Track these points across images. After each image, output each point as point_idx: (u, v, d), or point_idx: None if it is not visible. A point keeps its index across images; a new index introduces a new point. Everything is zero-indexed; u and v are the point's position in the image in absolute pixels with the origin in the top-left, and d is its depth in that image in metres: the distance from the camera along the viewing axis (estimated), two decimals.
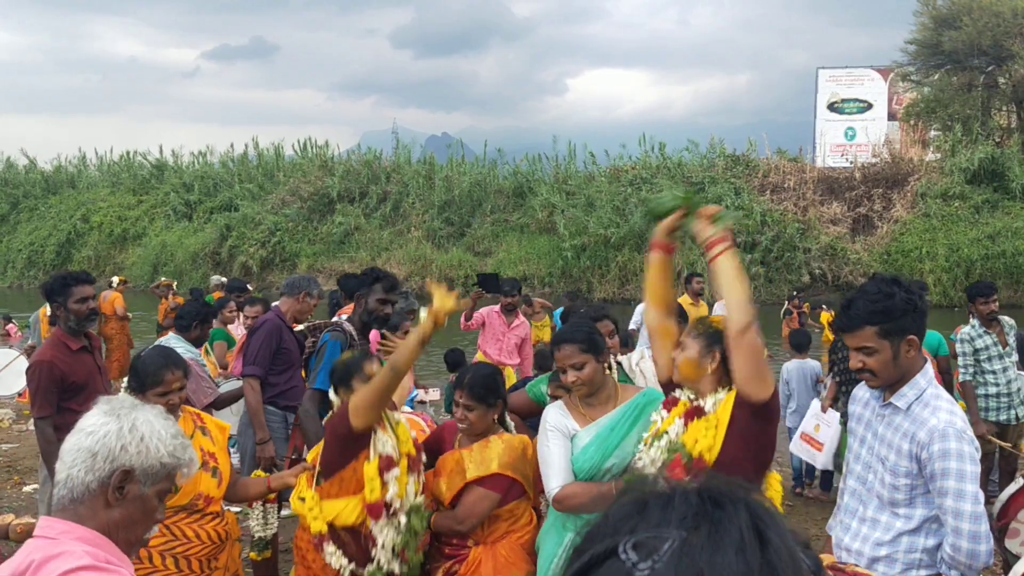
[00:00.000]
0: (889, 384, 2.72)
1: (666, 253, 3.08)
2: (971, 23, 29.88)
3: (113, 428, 1.84)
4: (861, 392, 2.96)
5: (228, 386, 6.61)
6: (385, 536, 3.29)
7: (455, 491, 3.42)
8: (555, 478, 3.21)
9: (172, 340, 5.76)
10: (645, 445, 2.98)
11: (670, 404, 3.01)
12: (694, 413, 2.88)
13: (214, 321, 8.84)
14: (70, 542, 1.75)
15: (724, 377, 2.89)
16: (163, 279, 14.48)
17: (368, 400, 3.31)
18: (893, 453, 2.67)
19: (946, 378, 6.71)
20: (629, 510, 0.77)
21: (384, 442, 3.37)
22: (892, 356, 2.65)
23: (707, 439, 2.77)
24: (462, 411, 3.46)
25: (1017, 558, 2.83)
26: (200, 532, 3.40)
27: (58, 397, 4.61)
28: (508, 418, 3.64)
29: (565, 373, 3.28)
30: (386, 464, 3.32)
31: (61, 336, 4.78)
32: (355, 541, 3.35)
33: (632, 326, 8.98)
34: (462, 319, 8.54)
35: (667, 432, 2.90)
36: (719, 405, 2.83)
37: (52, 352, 4.70)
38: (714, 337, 2.92)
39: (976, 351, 6.56)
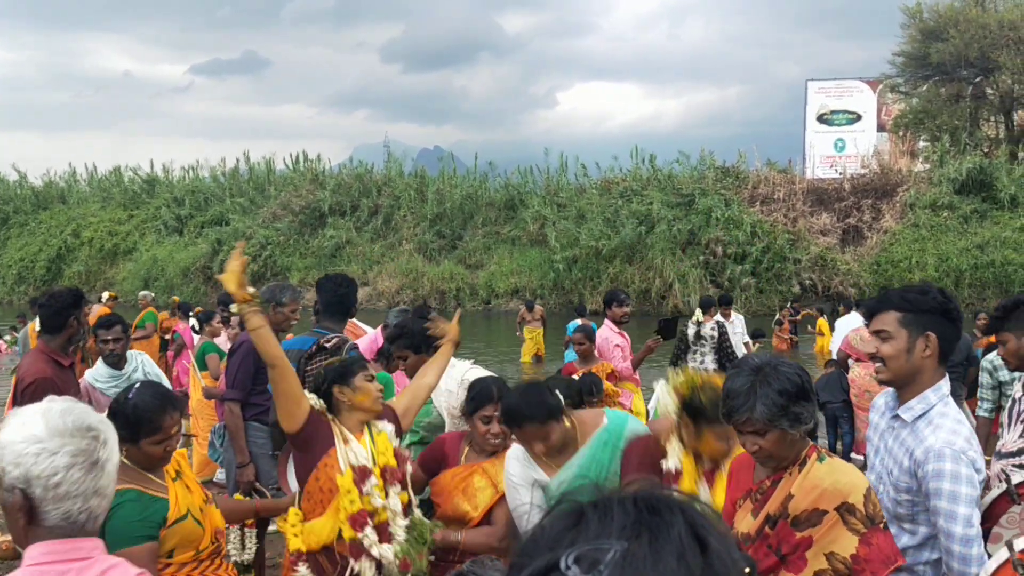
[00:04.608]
0: (898, 380, 2.70)
1: None
2: (958, 35, 30.11)
3: None
4: (880, 400, 2.93)
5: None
6: (378, 549, 3.12)
7: (487, 507, 3.30)
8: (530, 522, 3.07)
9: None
10: None
11: (674, 478, 2.95)
12: (710, 475, 2.89)
13: (202, 335, 8.84)
14: (109, 556, 1.75)
15: None
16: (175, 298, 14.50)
17: (278, 401, 3.19)
18: (896, 468, 2.66)
19: None
20: (566, 522, 0.76)
21: (355, 453, 3.21)
22: (906, 348, 2.63)
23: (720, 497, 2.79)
24: (497, 424, 3.34)
25: None
26: None
27: None
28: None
29: (531, 445, 3.11)
30: (360, 475, 3.17)
31: (51, 352, 4.68)
32: (330, 561, 3.18)
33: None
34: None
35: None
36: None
37: (50, 369, 4.60)
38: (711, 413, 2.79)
39: (1000, 384, 5.26)
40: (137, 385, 3.03)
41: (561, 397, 3.22)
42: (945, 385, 2.71)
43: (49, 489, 1.66)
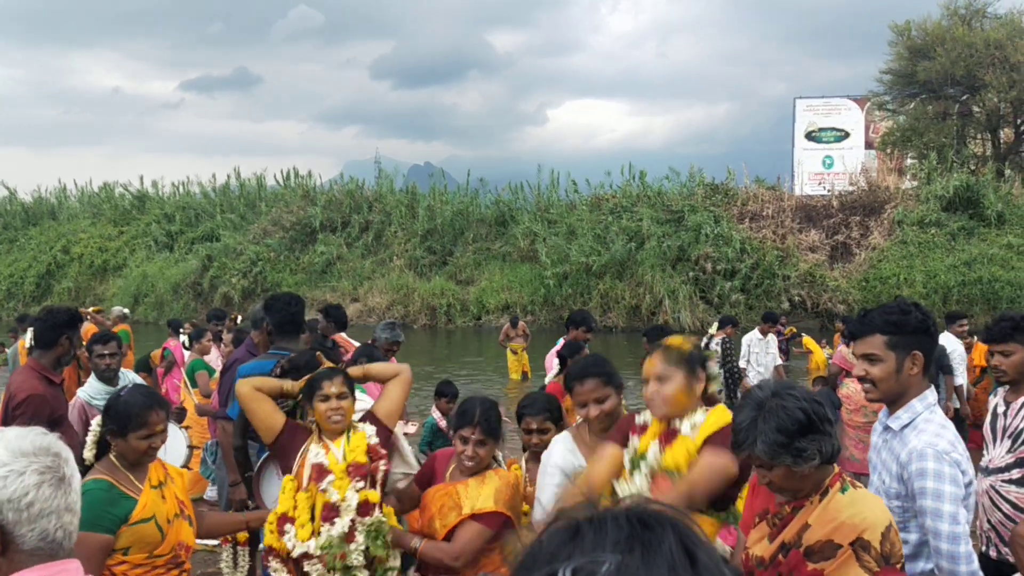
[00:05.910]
0: (887, 398, 2.79)
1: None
2: (944, 53, 30.40)
3: None
4: (878, 424, 3.02)
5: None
6: (299, 547, 3.30)
7: (449, 527, 3.33)
8: (543, 513, 3.15)
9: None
10: (626, 477, 2.92)
11: (639, 430, 3.00)
12: (669, 436, 2.89)
13: (192, 352, 8.81)
14: None
15: (703, 396, 2.93)
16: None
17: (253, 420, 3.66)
18: (888, 475, 2.74)
19: None
20: (563, 536, 0.80)
21: (316, 453, 3.42)
22: (895, 369, 2.72)
23: (684, 462, 2.81)
24: (473, 448, 3.34)
25: None
26: None
27: None
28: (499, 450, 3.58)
29: (585, 407, 3.27)
30: (317, 473, 3.37)
31: (42, 369, 4.69)
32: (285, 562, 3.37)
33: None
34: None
35: (645, 457, 2.88)
36: (698, 429, 2.84)
37: (42, 386, 4.60)
38: (694, 358, 2.90)
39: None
40: (129, 386, 3.37)
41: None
42: (931, 395, 2.79)
43: (22, 510, 1.64)
